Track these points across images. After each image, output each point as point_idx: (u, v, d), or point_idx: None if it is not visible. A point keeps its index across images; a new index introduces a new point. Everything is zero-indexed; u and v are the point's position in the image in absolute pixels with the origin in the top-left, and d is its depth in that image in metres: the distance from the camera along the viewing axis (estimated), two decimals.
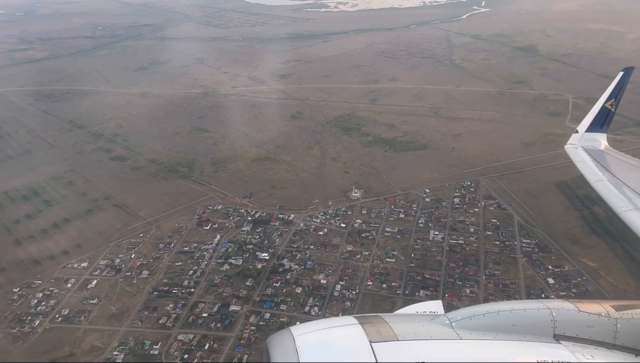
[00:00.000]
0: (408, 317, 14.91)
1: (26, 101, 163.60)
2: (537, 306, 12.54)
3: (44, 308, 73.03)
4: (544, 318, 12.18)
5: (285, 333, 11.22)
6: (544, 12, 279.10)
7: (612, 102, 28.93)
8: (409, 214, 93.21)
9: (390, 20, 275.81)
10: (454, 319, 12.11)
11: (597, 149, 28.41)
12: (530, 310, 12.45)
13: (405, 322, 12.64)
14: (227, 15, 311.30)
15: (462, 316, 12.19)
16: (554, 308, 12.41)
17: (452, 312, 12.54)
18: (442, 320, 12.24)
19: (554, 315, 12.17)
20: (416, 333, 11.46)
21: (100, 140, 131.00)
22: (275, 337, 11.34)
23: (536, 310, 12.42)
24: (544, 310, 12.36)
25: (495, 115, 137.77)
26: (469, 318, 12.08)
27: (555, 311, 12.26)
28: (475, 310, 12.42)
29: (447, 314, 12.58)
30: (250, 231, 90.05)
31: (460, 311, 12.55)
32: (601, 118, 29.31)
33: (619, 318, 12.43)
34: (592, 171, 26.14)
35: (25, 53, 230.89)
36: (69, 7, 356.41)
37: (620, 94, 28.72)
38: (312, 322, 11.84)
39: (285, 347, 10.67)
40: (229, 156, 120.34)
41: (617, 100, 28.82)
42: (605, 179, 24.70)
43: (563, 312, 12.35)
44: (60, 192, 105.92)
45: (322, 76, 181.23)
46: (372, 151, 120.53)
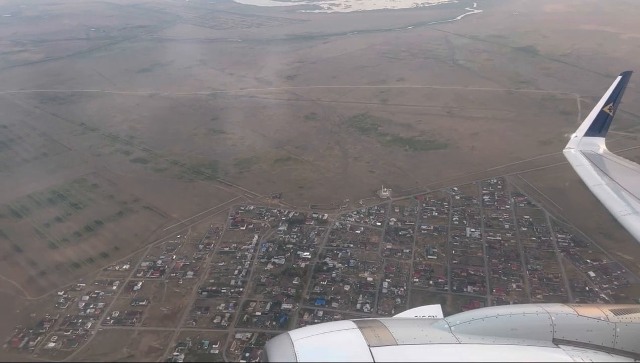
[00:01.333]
0: (407, 321, 14.88)
1: (31, 104, 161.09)
2: (536, 310, 12.58)
3: (93, 311, 72.42)
4: (543, 322, 12.18)
5: (284, 337, 11.20)
6: (536, 14, 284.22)
7: (610, 106, 29.08)
8: (441, 212, 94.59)
9: (385, 21, 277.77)
10: (453, 323, 12.12)
11: (595, 153, 28.48)
12: (529, 314, 12.47)
13: (404, 326, 12.65)
14: (220, 16, 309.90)
15: (461, 321, 12.20)
16: (553, 312, 12.44)
17: (451, 316, 12.58)
18: (441, 324, 12.24)
19: (553, 319, 12.19)
20: (415, 338, 11.45)
21: (116, 142, 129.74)
22: (274, 341, 11.33)
23: (535, 314, 12.45)
24: (543, 314, 12.38)
25: (508, 114, 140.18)
26: (468, 323, 12.09)
27: (554, 316, 12.28)
28: (474, 314, 12.44)
29: (446, 318, 12.60)
30: (287, 231, 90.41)
31: (459, 315, 12.56)
32: (599, 122, 29.31)
33: (618, 323, 12.44)
34: (591, 175, 26.09)
35: (20, 55, 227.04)
36: (55, 8, 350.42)
37: (619, 98, 28.83)
38: (311, 326, 11.91)
39: (284, 352, 10.63)
40: (250, 157, 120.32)
41: (615, 104, 28.95)
42: (604, 183, 24.68)
43: (562, 316, 12.36)
44: (86, 195, 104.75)
45: (329, 76, 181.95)
46: (393, 151, 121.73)
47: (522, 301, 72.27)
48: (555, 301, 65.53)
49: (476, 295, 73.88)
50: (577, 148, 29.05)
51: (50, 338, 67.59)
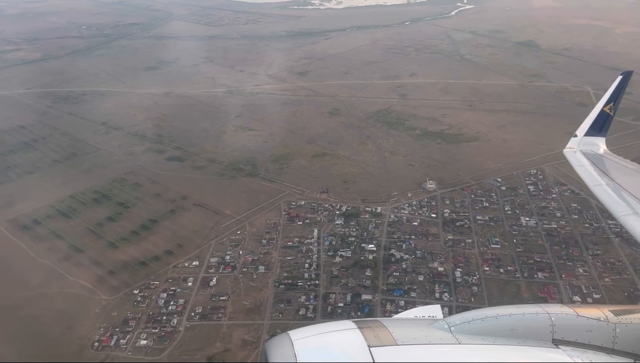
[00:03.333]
0: (407, 322, 14.86)
1: (44, 104, 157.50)
2: (536, 310, 12.62)
3: (175, 308, 72.15)
4: (542, 322, 12.23)
5: (283, 337, 11.31)
6: (527, 9, 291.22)
7: (610, 106, 29.03)
8: (492, 203, 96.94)
9: (382, 17, 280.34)
10: (452, 324, 12.18)
11: (596, 153, 28.46)
12: (529, 315, 12.52)
13: (404, 326, 12.69)
14: (213, 13, 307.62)
15: (461, 321, 12.26)
16: (552, 312, 12.46)
17: (451, 317, 12.66)
18: (441, 324, 12.30)
19: (552, 320, 12.22)
20: (415, 338, 11.51)
21: (145, 141, 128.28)
22: (273, 341, 11.47)
23: (535, 314, 12.49)
24: (542, 314, 12.41)
25: (528, 107, 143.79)
26: (468, 323, 12.15)
27: (554, 316, 12.31)
28: (474, 315, 12.50)
29: (445, 319, 12.67)
30: (345, 225, 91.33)
31: (459, 315, 12.64)
32: (600, 122, 29.30)
33: (618, 323, 12.48)
34: (591, 175, 26.12)
35: (15, 54, 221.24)
36: (39, 6, 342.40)
37: (619, 98, 28.85)
38: (310, 326, 11.96)
39: (284, 352, 10.73)
40: (286, 153, 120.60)
41: (616, 104, 28.91)
42: (604, 183, 24.69)
43: (562, 317, 12.40)
44: (131, 194, 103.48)
45: (341, 72, 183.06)
46: (426, 144, 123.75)
47: (591, 285, 75.21)
48: (623, 285, 68.38)
49: (547, 280, 76.23)
50: (578, 147, 29.13)
51: (139, 336, 67.13)
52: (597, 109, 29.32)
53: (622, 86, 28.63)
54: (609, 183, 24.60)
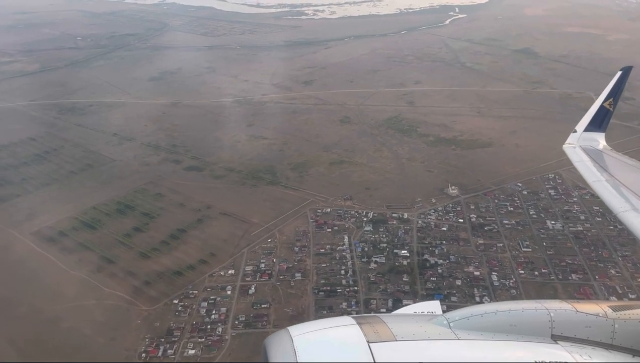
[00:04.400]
0: (406, 317, 15.06)
1: (50, 115, 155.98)
2: (535, 306, 12.60)
3: (218, 316, 72.02)
4: (541, 318, 12.23)
5: (283, 333, 11.31)
6: (519, 17, 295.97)
7: (610, 102, 29.11)
8: (516, 207, 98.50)
9: (377, 27, 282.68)
10: (452, 319, 12.18)
11: (595, 149, 28.55)
12: (528, 311, 12.54)
13: (403, 322, 12.79)
14: (208, 23, 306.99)
15: (460, 317, 12.27)
16: (551, 308, 12.46)
17: (450, 312, 12.69)
18: (440, 320, 12.30)
19: (551, 316, 12.22)
20: (414, 334, 11.52)
21: (160, 151, 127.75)
22: (273, 337, 11.45)
23: (534, 310, 12.49)
24: (541, 310, 12.41)
25: (535, 113, 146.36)
26: (467, 319, 12.16)
27: (553, 312, 12.32)
28: (473, 311, 12.53)
29: (445, 314, 12.67)
30: (374, 231, 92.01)
31: (458, 311, 12.66)
32: (599, 118, 29.41)
33: (617, 319, 12.49)
34: (591, 171, 26.15)
35: (13, 66, 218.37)
36: (28, 17, 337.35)
37: (619, 94, 28.99)
38: (310, 322, 12.01)
39: (284, 347, 10.78)
40: (303, 161, 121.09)
41: (615, 99, 29.02)
42: (604, 179, 24.66)
43: (561, 312, 12.41)
44: (154, 204, 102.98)
45: (345, 81, 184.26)
46: (442, 151, 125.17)
47: (625, 285, 76.74)
48: None
49: (582, 282, 77.67)
50: (577, 143, 29.19)
51: (186, 346, 66.83)
52: (597, 105, 29.52)
53: (622, 82, 28.89)
54: (608, 179, 24.67)
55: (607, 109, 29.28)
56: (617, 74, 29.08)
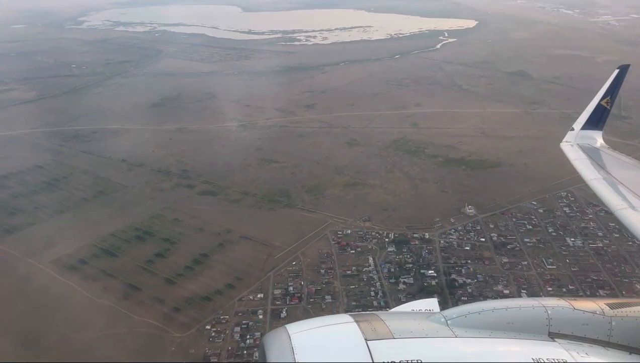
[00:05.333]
0: (404, 315, 15.08)
1: (54, 143, 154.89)
2: (532, 304, 12.64)
3: (252, 341, 71.39)
4: (539, 316, 12.27)
5: (281, 331, 11.35)
6: (507, 41, 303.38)
7: (607, 100, 29.21)
8: (535, 225, 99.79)
9: (370, 52, 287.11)
10: (449, 317, 12.24)
11: (592, 147, 28.73)
12: (526, 308, 12.55)
13: (401, 319, 12.83)
14: (202, 50, 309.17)
15: (458, 314, 12.30)
16: (549, 306, 12.50)
17: (448, 310, 12.72)
18: (438, 317, 12.35)
19: (549, 313, 12.26)
20: (412, 331, 11.55)
21: (172, 177, 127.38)
22: (271, 335, 11.47)
23: (531, 308, 12.52)
24: (539, 308, 12.46)
25: (538, 133, 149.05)
26: (465, 316, 12.19)
27: (550, 309, 12.36)
28: (470, 308, 12.55)
29: (442, 312, 12.73)
30: (397, 251, 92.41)
31: (455, 309, 12.70)
32: (597, 116, 29.63)
33: (614, 317, 12.52)
34: (588, 169, 26.21)
35: (9, 94, 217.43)
36: (20, 46, 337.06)
37: (616, 92, 29.05)
38: (308, 320, 12.11)
39: (281, 345, 10.79)
40: (316, 183, 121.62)
41: (612, 98, 29.14)
42: (601, 177, 24.74)
43: (558, 310, 12.44)
44: (173, 229, 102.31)
45: (347, 104, 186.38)
46: (453, 171, 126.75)
47: None
48: None
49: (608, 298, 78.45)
50: (575, 141, 29.47)
51: None
52: (594, 103, 29.76)
53: (619, 80, 28.92)
54: (605, 177, 24.76)
55: (605, 107, 29.53)
56: (614, 73, 29.24)
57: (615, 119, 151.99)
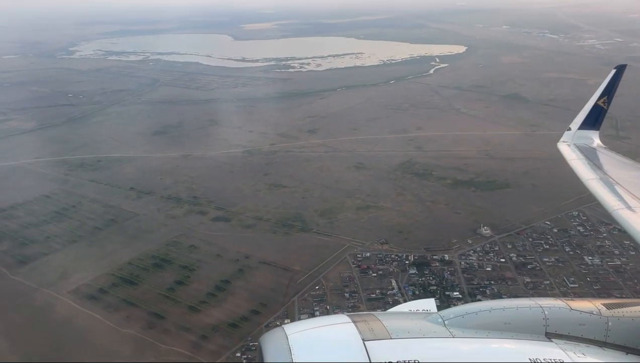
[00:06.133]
0: (401, 315, 15.06)
1: (60, 172, 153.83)
2: (529, 304, 12.63)
3: None
4: (536, 316, 12.27)
5: (278, 331, 11.34)
6: (498, 65, 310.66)
7: (604, 100, 29.08)
8: (551, 245, 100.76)
9: (365, 77, 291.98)
10: (446, 317, 12.25)
11: (589, 147, 28.75)
12: (523, 309, 12.53)
13: (398, 319, 12.81)
14: (199, 78, 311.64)
15: (455, 315, 12.31)
16: (546, 306, 12.49)
17: (445, 310, 12.72)
18: (435, 318, 12.37)
19: (546, 314, 12.25)
20: (409, 332, 11.55)
21: (183, 204, 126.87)
22: (268, 335, 11.45)
23: (528, 308, 12.51)
24: (536, 308, 12.46)
25: (541, 154, 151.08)
26: (462, 317, 12.21)
27: (547, 310, 12.35)
28: (467, 308, 12.54)
29: (440, 312, 12.69)
30: (419, 274, 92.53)
31: (453, 309, 12.70)
32: (594, 116, 29.60)
33: (610, 317, 12.50)
34: (585, 169, 26.04)
35: (8, 124, 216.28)
36: (14, 76, 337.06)
37: (613, 92, 28.94)
38: (305, 320, 12.19)
39: (279, 346, 10.79)
40: (329, 207, 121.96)
41: (609, 98, 29.05)
42: (598, 177, 24.60)
43: (555, 310, 12.44)
44: (190, 257, 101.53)
45: (349, 129, 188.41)
46: (462, 193, 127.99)
47: None
48: None
49: None
50: (572, 141, 29.41)
51: None
52: (591, 103, 29.75)
53: (616, 80, 28.80)
54: (602, 177, 24.59)
55: (602, 107, 29.46)
56: (611, 73, 29.07)
57: (614, 139, 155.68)
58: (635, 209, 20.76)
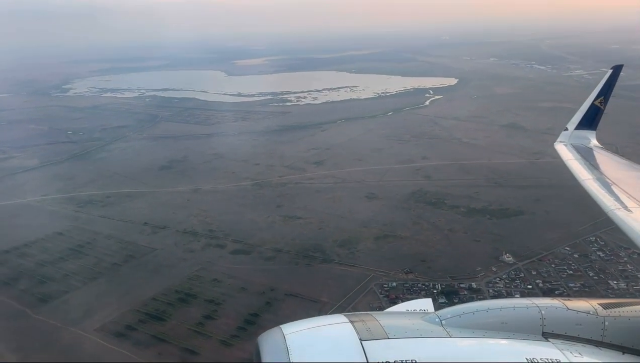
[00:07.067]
0: (398, 315, 15.15)
1: (69, 209, 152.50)
2: (526, 304, 12.71)
3: None
4: (532, 316, 12.32)
5: (276, 331, 11.46)
6: (492, 96, 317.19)
7: (601, 100, 29.49)
8: (575, 270, 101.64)
9: (363, 110, 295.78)
10: (444, 317, 12.29)
11: (586, 147, 29.30)
12: (520, 308, 12.61)
13: (396, 319, 12.92)
14: (198, 113, 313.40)
15: (452, 314, 12.36)
16: (542, 306, 12.55)
17: (442, 310, 12.79)
18: (432, 318, 12.41)
19: (542, 313, 12.30)
20: (406, 331, 11.58)
21: (199, 237, 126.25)
22: (266, 335, 11.53)
23: (525, 308, 12.58)
24: (533, 308, 12.51)
25: (549, 181, 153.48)
26: (459, 317, 12.25)
27: (544, 310, 12.41)
28: (464, 308, 12.59)
29: (437, 312, 12.76)
30: (449, 302, 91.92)
31: (450, 309, 12.75)
32: (591, 116, 30.20)
33: (607, 316, 12.53)
34: (582, 169, 26.39)
35: (10, 163, 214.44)
36: (10, 114, 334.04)
37: (610, 92, 29.29)
38: (303, 320, 12.21)
39: (276, 346, 10.86)
40: (347, 237, 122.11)
41: (606, 98, 29.45)
42: (595, 177, 24.86)
43: (552, 310, 12.48)
44: (214, 290, 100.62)
45: (354, 159, 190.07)
46: (478, 221, 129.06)
47: None
48: None
49: None
50: (568, 141, 30.12)
51: None
52: (588, 103, 30.23)
53: (612, 80, 29.11)
54: (599, 177, 24.83)
55: (598, 107, 29.96)
56: (607, 73, 29.33)
57: None
58: (632, 209, 20.87)
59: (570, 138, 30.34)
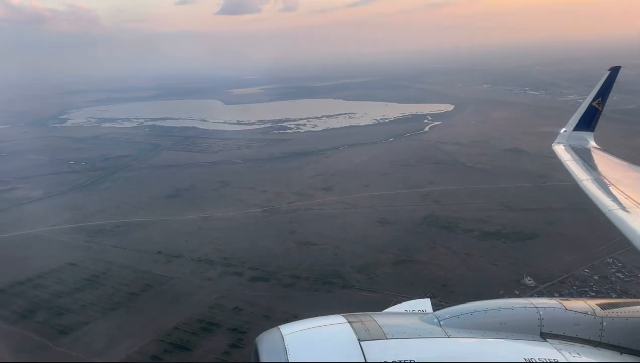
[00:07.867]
0: (397, 315, 15.09)
1: (80, 239, 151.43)
2: (525, 304, 12.73)
3: None
4: (531, 316, 12.35)
5: (274, 332, 11.39)
6: (490, 121, 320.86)
7: (599, 101, 29.69)
8: (598, 292, 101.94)
9: (364, 136, 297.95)
10: (442, 317, 12.32)
11: (584, 148, 29.44)
12: (518, 309, 12.64)
13: (394, 320, 12.95)
14: (199, 141, 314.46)
15: (451, 315, 12.38)
16: (541, 306, 12.57)
17: (441, 311, 12.80)
18: (431, 318, 12.45)
19: (541, 314, 12.33)
20: (405, 332, 11.62)
21: (216, 265, 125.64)
22: (264, 335, 11.45)
23: (523, 308, 12.61)
24: (531, 308, 12.55)
25: (559, 204, 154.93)
26: (457, 317, 12.29)
27: (542, 310, 12.44)
28: (463, 309, 12.61)
29: (435, 312, 12.79)
30: None
31: (448, 309, 12.74)
32: (588, 117, 30.45)
33: (605, 317, 12.57)
34: (579, 169, 26.78)
35: (14, 193, 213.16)
36: (8, 146, 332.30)
37: (607, 93, 29.57)
38: (301, 321, 12.12)
39: (274, 346, 10.84)
40: (364, 263, 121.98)
41: (604, 99, 29.67)
42: (592, 178, 25.11)
43: (550, 310, 12.52)
44: (237, 318, 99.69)
45: (362, 185, 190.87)
46: (494, 244, 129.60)
47: None
48: None
49: None
50: (566, 142, 30.15)
51: None
52: (586, 104, 30.47)
53: (610, 82, 29.37)
54: (597, 178, 25.02)
55: (596, 108, 30.21)
56: (605, 74, 29.48)
57: None
58: (630, 210, 20.97)
59: (568, 138, 30.53)
